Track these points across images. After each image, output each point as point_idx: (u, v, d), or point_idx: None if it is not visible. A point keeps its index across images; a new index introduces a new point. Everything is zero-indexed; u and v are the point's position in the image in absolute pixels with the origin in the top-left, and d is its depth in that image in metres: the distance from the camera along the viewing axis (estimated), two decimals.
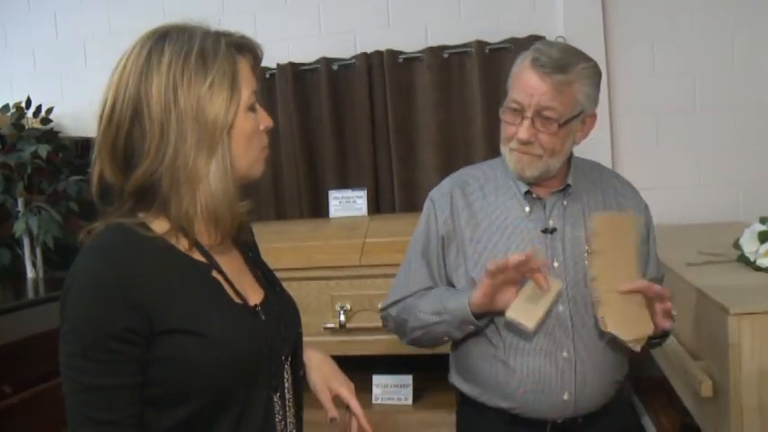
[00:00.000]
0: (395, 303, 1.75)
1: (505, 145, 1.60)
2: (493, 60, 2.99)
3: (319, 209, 3.17)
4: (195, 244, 1.10)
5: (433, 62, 3.03)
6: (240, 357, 1.08)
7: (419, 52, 3.07)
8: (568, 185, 1.64)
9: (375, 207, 3.13)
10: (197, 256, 1.11)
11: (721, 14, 2.97)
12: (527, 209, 1.62)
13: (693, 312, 1.78)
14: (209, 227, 1.11)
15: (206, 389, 1.05)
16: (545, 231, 1.60)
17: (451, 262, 1.66)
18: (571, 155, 1.68)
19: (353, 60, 3.13)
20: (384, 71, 3.07)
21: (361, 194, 2.99)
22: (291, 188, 3.20)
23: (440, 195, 1.71)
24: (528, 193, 1.63)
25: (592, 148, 2.96)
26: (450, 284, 1.68)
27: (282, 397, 1.18)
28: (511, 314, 1.49)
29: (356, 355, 2.39)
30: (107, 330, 0.98)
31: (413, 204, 3.09)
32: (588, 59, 1.57)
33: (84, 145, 3.27)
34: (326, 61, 3.12)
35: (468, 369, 1.68)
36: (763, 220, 1.82)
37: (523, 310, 1.49)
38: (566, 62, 1.51)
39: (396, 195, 3.11)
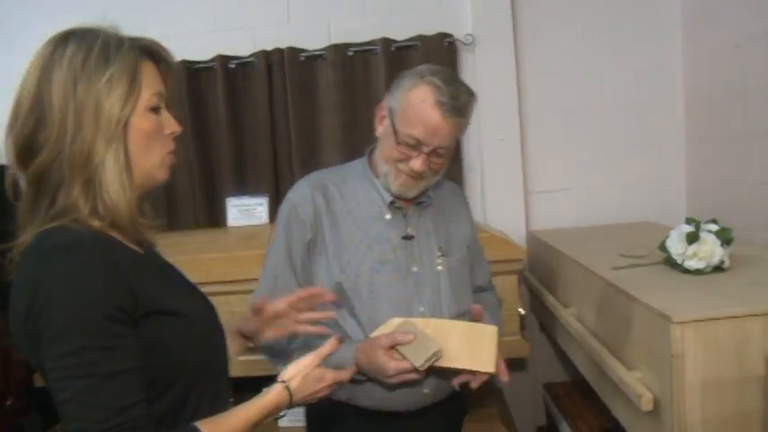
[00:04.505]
0: None
1: (391, 165, 1.62)
2: (400, 58, 2.87)
3: (216, 218, 2.98)
4: (129, 236, 1.14)
5: (336, 60, 2.89)
6: (213, 333, 1.19)
7: (322, 50, 2.92)
8: (428, 197, 1.72)
9: (276, 214, 2.93)
10: (136, 248, 1.16)
11: (626, 17, 2.97)
12: (388, 216, 1.69)
13: (623, 319, 1.69)
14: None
15: (189, 367, 1.12)
16: (405, 238, 1.68)
17: (315, 266, 1.67)
18: None
19: (252, 58, 2.94)
20: (285, 70, 2.90)
21: (261, 201, 2.85)
22: (186, 195, 2.97)
23: (301, 199, 1.70)
24: (392, 203, 1.68)
25: (502, 147, 2.91)
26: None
27: None
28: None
29: (262, 375, 2.22)
30: (106, 314, 1.00)
31: None
32: (472, 92, 1.61)
33: None
34: (223, 59, 2.92)
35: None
36: (689, 221, 1.76)
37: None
38: (463, 104, 1.56)
39: None
